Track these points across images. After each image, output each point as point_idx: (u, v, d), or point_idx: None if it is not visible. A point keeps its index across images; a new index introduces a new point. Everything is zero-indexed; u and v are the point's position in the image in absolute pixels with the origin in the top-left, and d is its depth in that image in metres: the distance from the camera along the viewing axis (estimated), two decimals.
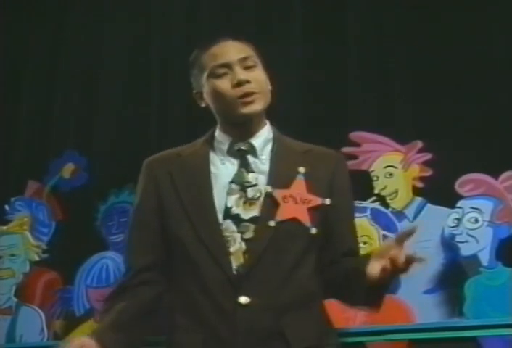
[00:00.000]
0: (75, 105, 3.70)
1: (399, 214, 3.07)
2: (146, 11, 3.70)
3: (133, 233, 1.82)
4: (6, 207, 3.63)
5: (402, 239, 1.58)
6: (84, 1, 3.83)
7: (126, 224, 3.40)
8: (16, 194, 3.65)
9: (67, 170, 3.61)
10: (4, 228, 3.62)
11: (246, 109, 1.73)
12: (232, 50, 1.77)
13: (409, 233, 1.58)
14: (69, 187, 3.59)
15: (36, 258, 3.53)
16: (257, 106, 1.74)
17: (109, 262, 3.42)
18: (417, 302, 2.87)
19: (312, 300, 1.70)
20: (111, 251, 3.43)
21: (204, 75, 1.78)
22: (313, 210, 1.71)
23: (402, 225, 3.03)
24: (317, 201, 1.71)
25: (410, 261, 1.55)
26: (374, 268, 1.57)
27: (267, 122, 1.84)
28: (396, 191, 3.10)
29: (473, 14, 3.17)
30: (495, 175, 3.01)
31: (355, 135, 3.15)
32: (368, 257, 1.64)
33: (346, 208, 1.80)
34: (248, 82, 1.73)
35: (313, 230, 1.69)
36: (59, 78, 3.76)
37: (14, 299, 3.50)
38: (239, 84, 1.72)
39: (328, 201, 1.72)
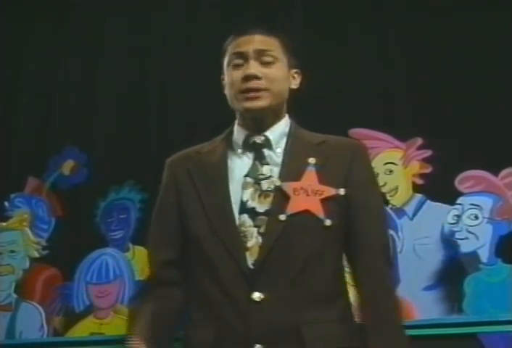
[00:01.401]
0: (74, 101, 3.69)
1: (399, 211, 3.06)
2: (145, 12, 3.70)
3: (154, 229, 1.81)
4: (6, 204, 3.63)
5: None
6: (84, 2, 3.83)
7: (126, 220, 3.41)
8: (16, 191, 3.64)
9: (67, 166, 3.61)
10: (4, 224, 3.62)
11: (249, 104, 1.71)
12: (253, 41, 1.74)
13: None
14: (69, 183, 3.58)
15: (36, 254, 3.52)
16: (261, 102, 1.70)
17: (109, 259, 3.42)
18: (416, 299, 2.87)
19: (333, 298, 1.64)
20: (110, 247, 3.43)
21: (225, 62, 1.77)
22: (327, 201, 1.64)
23: (402, 222, 3.02)
24: (330, 191, 1.65)
25: None
26: None
27: (287, 116, 1.80)
28: (396, 188, 3.09)
29: (473, 15, 3.17)
30: (495, 171, 3.01)
31: (355, 131, 3.14)
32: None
33: (366, 200, 1.70)
34: (257, 77, 1.69)
35: (327, 222, 1.63)
36: (58, 75, 3.76)
37: (14, 296, 3.49)
38: (247, 78, 1.70)
39: (342, 191, 1.66)
